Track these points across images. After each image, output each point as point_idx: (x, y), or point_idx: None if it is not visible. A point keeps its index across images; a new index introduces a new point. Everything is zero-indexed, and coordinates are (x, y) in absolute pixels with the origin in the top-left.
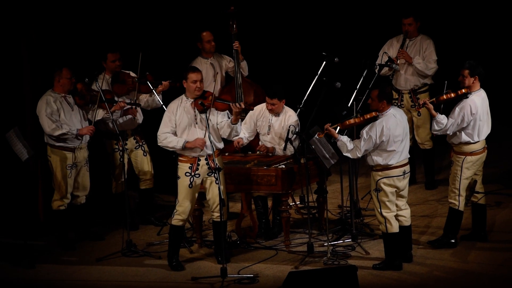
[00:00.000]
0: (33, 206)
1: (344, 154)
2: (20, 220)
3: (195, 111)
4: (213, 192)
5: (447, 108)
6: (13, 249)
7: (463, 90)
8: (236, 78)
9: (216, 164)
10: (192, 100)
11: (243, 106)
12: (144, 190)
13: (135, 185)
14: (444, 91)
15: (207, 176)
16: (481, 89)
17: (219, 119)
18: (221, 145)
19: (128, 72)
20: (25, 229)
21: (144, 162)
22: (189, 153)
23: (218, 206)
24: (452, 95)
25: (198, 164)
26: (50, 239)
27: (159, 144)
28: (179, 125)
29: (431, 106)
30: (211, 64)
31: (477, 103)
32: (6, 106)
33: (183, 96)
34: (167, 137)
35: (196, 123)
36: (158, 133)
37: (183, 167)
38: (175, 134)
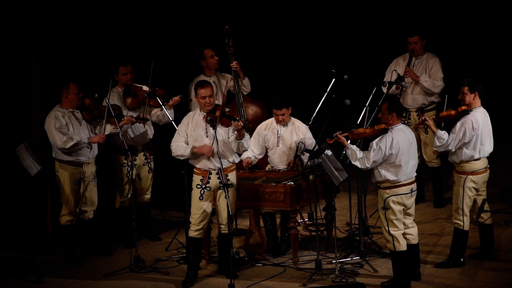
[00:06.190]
0: (42, 221)
1: (353, 162)
2: (28, 235)
3: (206, 125)
4: (221, 205)
5: (449, 127)
6: (21, 263)
7: (463, 107)
8: (238, 98)
9: (228, 179)
10: (204, 114)
11: (241, 124)
12: (141, 204)
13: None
14: (445, 108)
15: (218, 189)
16: (482, 106)
17: (230, 133)
18: (233, 159)
19: (140, 86)
20: (33, 243)
21: (146, 179)
22: (201, 165)
23: (226, 219)
24: (452, 112)
25: (209, 178)
26: (58, 253)
27: (173, 155)
28: (190, 136)
29: (431, 123)
30: (214, 83)
31: (479, 119)
32: (14, 121)
33: (197, 109)
34: (177, 146)
35: (207, 136)
36: (171, 144)
37: (196, 179)
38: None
